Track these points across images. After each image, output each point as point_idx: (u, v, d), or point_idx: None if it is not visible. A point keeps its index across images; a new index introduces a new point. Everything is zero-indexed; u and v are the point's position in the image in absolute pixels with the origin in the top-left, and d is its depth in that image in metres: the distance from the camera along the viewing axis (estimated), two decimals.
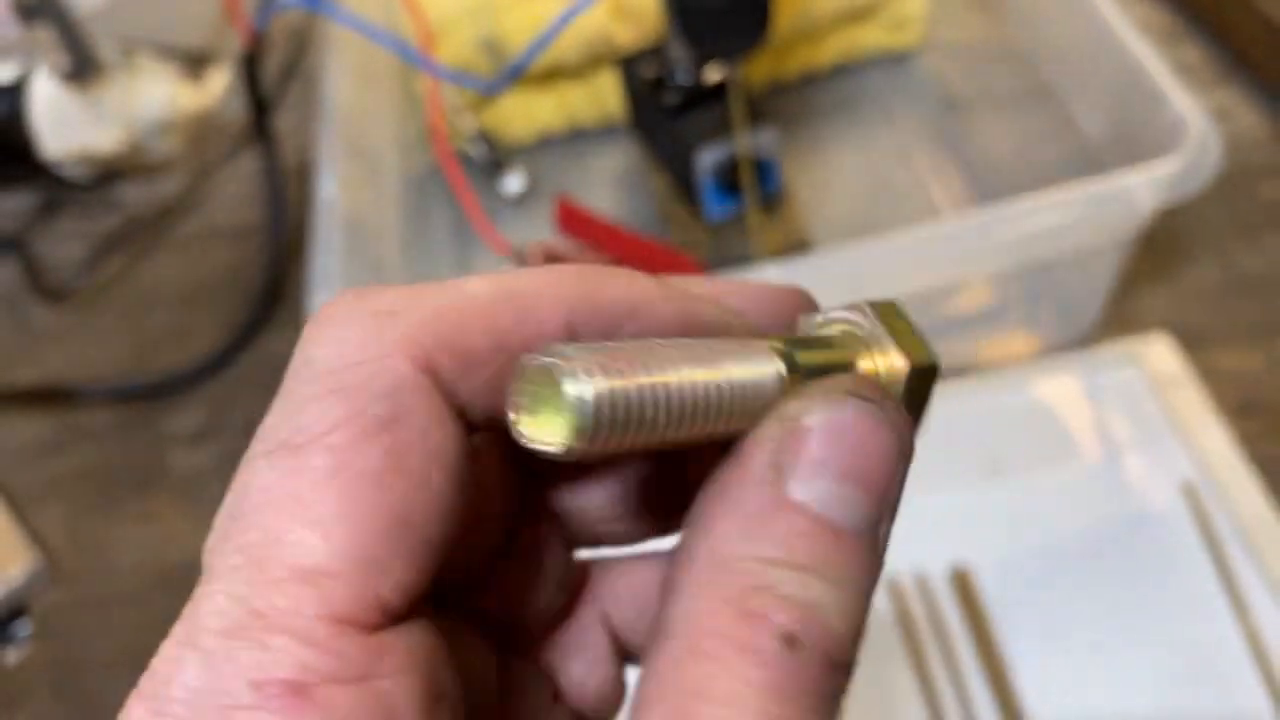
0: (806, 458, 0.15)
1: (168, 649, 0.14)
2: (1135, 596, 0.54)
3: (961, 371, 0.65)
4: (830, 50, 0.85)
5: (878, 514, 0.16)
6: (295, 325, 0.77)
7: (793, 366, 0.16)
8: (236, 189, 0.90)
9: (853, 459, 0.15)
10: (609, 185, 0.84)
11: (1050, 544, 0.56)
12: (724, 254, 0.70)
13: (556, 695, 0.19)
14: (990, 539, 0.57)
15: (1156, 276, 0.69)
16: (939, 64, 0.85)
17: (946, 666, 0.53)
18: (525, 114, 0.85)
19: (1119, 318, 0.66)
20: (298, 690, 0.13)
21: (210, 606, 0.14)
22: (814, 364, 0.17)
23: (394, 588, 0.14)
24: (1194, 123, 0.52)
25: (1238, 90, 0.80)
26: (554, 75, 0.84)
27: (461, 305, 0.15)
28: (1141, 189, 0.51)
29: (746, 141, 0.68)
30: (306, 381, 0.15)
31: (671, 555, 0.16)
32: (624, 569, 0.20)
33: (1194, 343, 0.64)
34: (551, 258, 0.67)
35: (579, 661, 0.19)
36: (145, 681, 0.14)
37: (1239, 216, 0.70)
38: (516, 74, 0.48)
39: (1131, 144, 0.60)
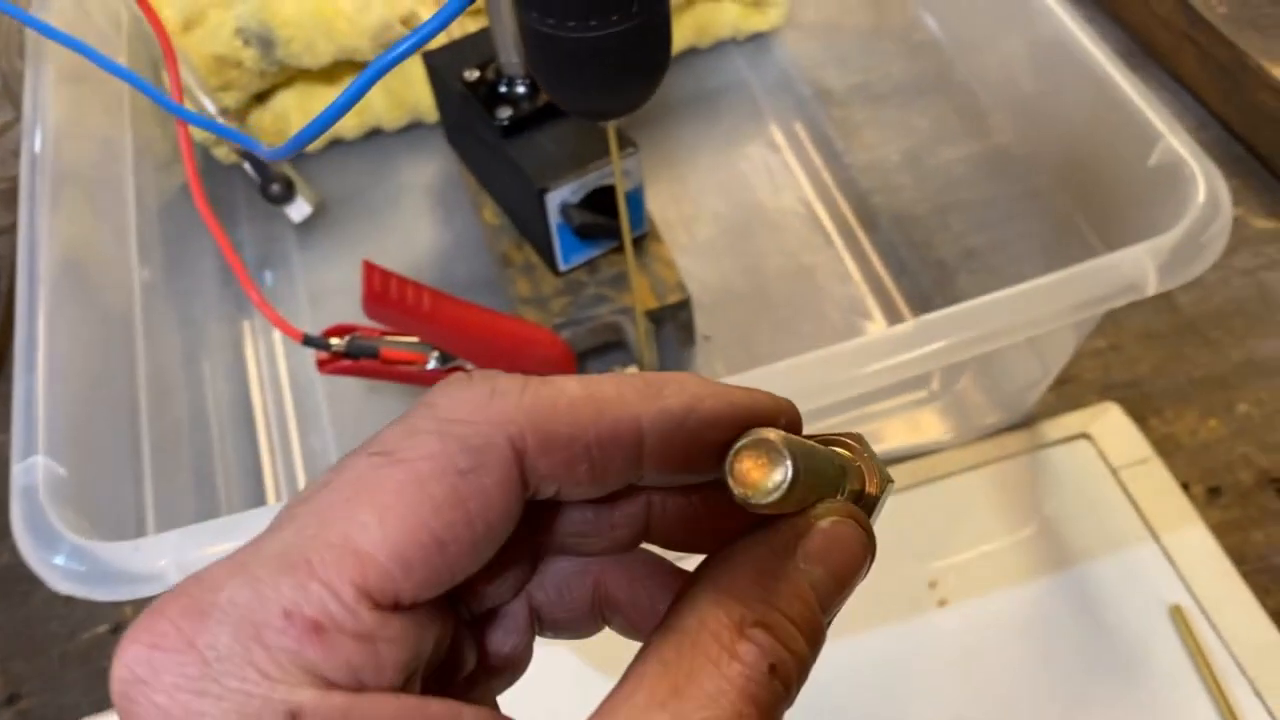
0: (815, 548, 0.20)
1: (221, 567, 0.17)
2: None
3: (898, 461, 0.53)
4: (681, 31, 0.70)
5: (838, 607, 0.20)
6: None
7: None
8: None
9: (840, 561, 0.20)
10: (422, 203, 0.68)
11: (1021, 682, 0.46)
12: (584, 313, 0.55)
13: (480, 654, 0.22)
14: (944, 679, 0.46)
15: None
16: (809, 48, 0.73)
17: None
18: (306, 114, 0.67)
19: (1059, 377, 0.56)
20: (317, 628, 0.16)
21: (273, 545, 0.17)
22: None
23: (411, 589, 0.17)
24: (1193, 171, 0.41)
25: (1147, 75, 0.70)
26: (342, 67, 0.67)
27: (556, 399, 0.18)
28: (1142, 271, 0.40)
29: (620, 170, 0.53)
30: (423, 418, 0.18)
31: (694, 573, 0.20)
32: (552, 559, 0.23)
33: (1142, 404, 0.55)
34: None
35: (502, 629, 0.22)
36: (191, 585, 0.17)
37: None
38: (299, 146, 0.32)
39: (1061, 148, 0.49)
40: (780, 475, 0.19)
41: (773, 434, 0.19)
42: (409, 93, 0.68)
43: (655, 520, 0.22)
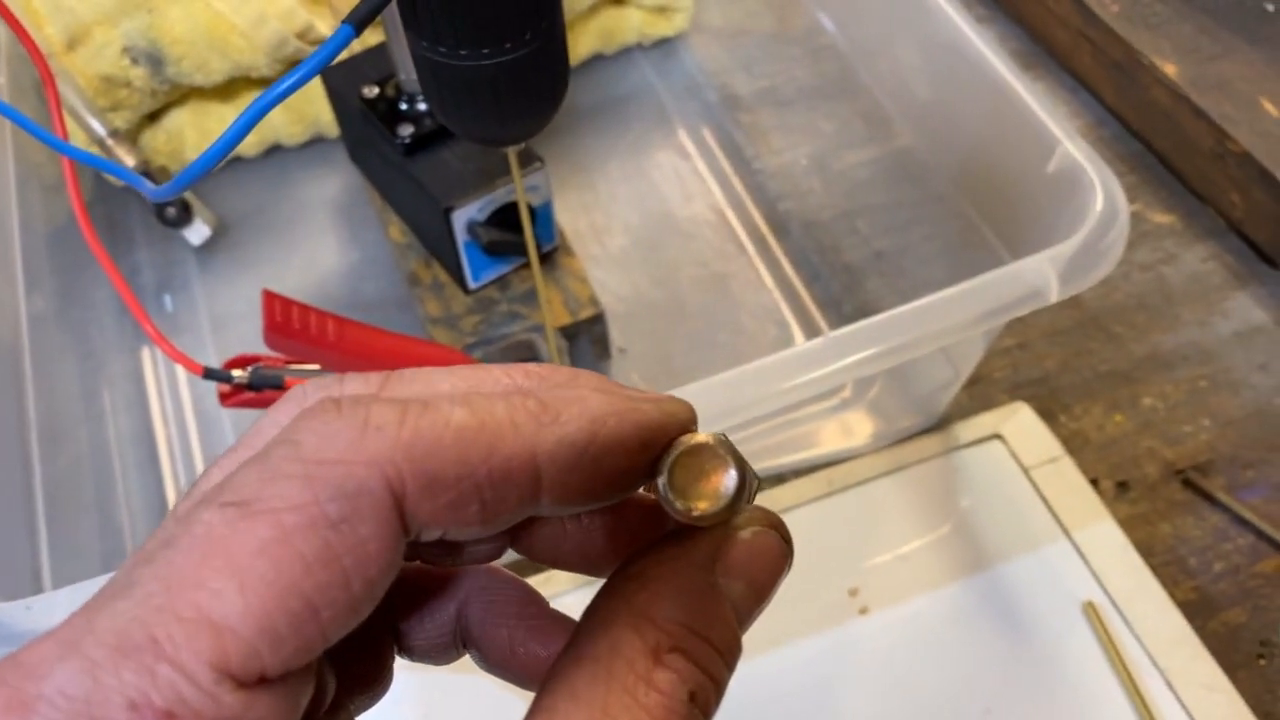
0: (735, 561, 0.19)
1: (47, 647, 0.15)
2: None
3: (813, 469, 0.53)
4: (585, 38, 0.70)
5: (755, 618, 0.19)
6: None
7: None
8: None
9: (761, 573, 0.19)
10: (327, 221, 0.66)
11: (942, 685, 0.47)
12: (496, 331, 0.54)
13: (399, 641, 0.21)
14: (867, 686, 0.46)
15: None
16: (715, 53, 0.72)
17: None
18: (202, 133, 0.65)
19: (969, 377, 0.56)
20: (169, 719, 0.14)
21: (111, 619, 0.15)
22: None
23: (279, 662, 0.15)
24: (1091, 178, 0.42)
25: (1046, 73, 0.72)
26: (238, 84, 0.65)
27: (440, 433, 0.16)
28: (1044, 279, 0.40)
29: (505, 189, 0.53)
30: (286, 459, 0.16)
31: (601, 592, 0.18)
32: (483, 577, 0.22)
33: (1050, 401, 0.56)
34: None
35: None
36: (9, 671, 0.14)
37: None
38: (185, 184, 0.30)
39: (961, 153, 0.50)
40: (730, 482, 0.18)
41: (709, 438, 0.18)
42: (309, 108, 0.66)
43: (537, 540, 0.21)
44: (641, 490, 0.20)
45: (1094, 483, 0.53)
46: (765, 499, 0.52)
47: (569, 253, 0.58)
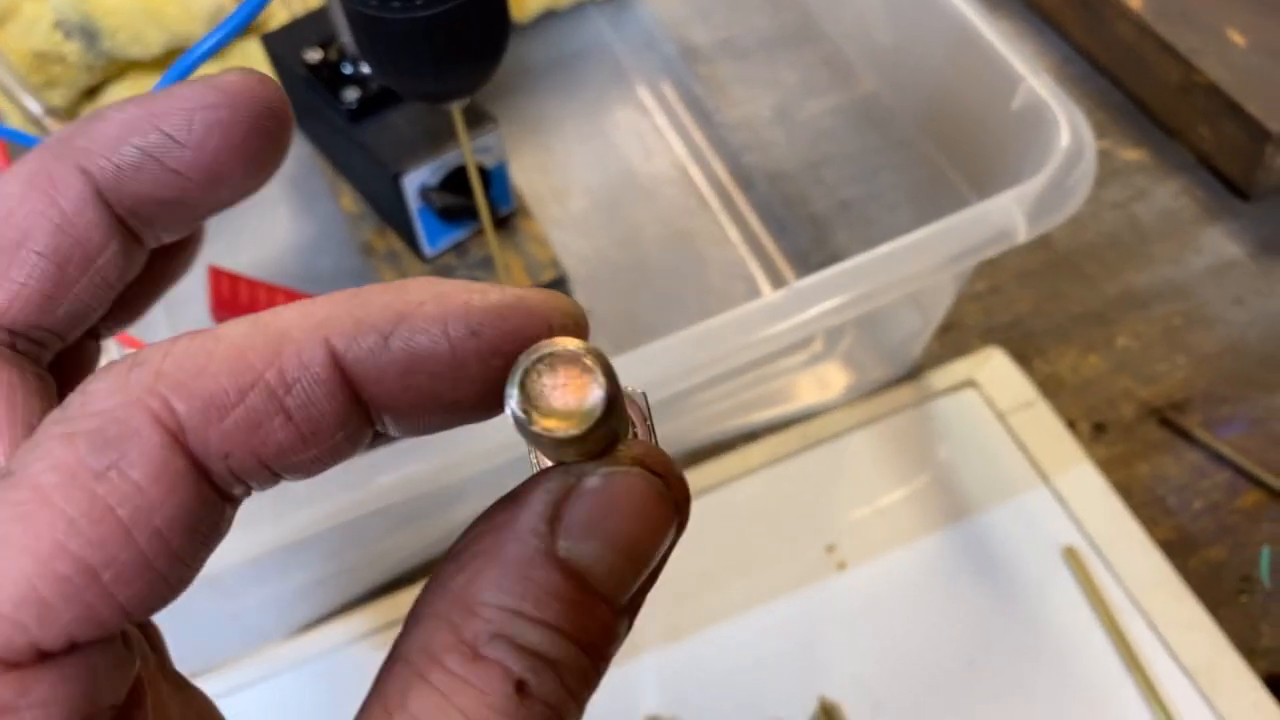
0: (580, 518, 0.15)
1: None
2: (1019, 675, 0.44)
3: (787, 424, 0.52)
4: None
5: (638, 586, 0.16)
6: None
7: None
8: None
9: (627, 528, 0.15)
10: (279, 194, 0.64)
11: (922, 636, 0.46)
12: None
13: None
14: (847, 641, 0.46)
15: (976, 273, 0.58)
16: (671, 5, 0.70)
17: None
18: None
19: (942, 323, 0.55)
20: None
21: None
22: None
23: (56, 635, 0.13)
24: (1056, 114, 0.41)
25: (1011, 13, 0.70)
26: (175, 55, 0.62)
27: (208, 348, 0.14)
28: (1010, 218, 0.39)
29: (471, 150, 0.51)
30: (51, 423, 0.14)
31: (429, 581, 0.15)
32: None
33: (1024, 345, 0.55)
34: None
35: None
36: None
37: None
38: None
39: (925, 96, 0.49)
40: (593, 399, 0.14)
41: (577, 344, 0.14)
42: None
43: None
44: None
45: (1070, 426, 0.52)
46: (738, 458, 0.51)
47: (528, 215, 0.56)
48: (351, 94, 0.52)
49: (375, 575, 0.49)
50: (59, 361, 0.19)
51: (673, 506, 0.16)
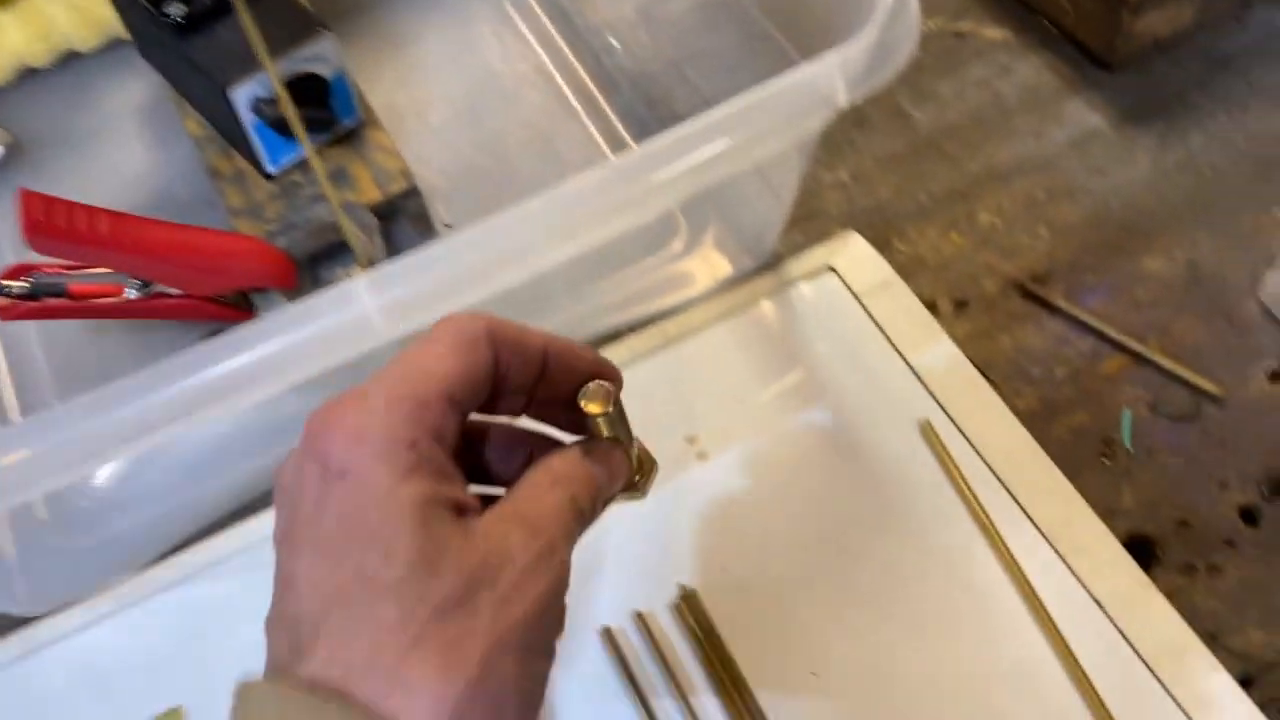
0: (599, 453, 0.31)
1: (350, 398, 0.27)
2: (880, 551, 0.44)
3: (652, 321, 0.52)
4: None
5: (608, 486, 0.31)
6: None
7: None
8: None
9: (608, 466, 0.31)
10: (131, 127, 0.62)
11: (784, 522, 0.46)
12: (301, 215, 0.52)
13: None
14: (710, 532, 0.45)
15: (833, 151, 0.58)
16: None
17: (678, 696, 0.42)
18: None
19: (799, 210, 0.55)
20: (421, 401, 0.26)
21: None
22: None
23: (463, 398, 0.27)
24: None
25: None
26: None
27: (507, 325, 0.29)
28: (830, 82, 0.38)
29: (287, 61, 0.49)
30: (440, 325, 0.28)
31: (537, 462, 0.30)
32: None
33: (886, 229, 0.54)
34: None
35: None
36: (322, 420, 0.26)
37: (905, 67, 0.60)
38: None
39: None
40: (609, 404, 0.31)
41: (603, 383, 0.31)
42: (99, 9, 0.62)
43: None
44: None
45: (932, 304, 0.52)
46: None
47: (377, 127, 0.55)
48: (177, 9, 0.50)
49: (222, 506, 0.48)
50: None
51: (617, 461, 0.31)
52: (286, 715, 0.22)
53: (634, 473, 0.34)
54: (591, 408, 0.31)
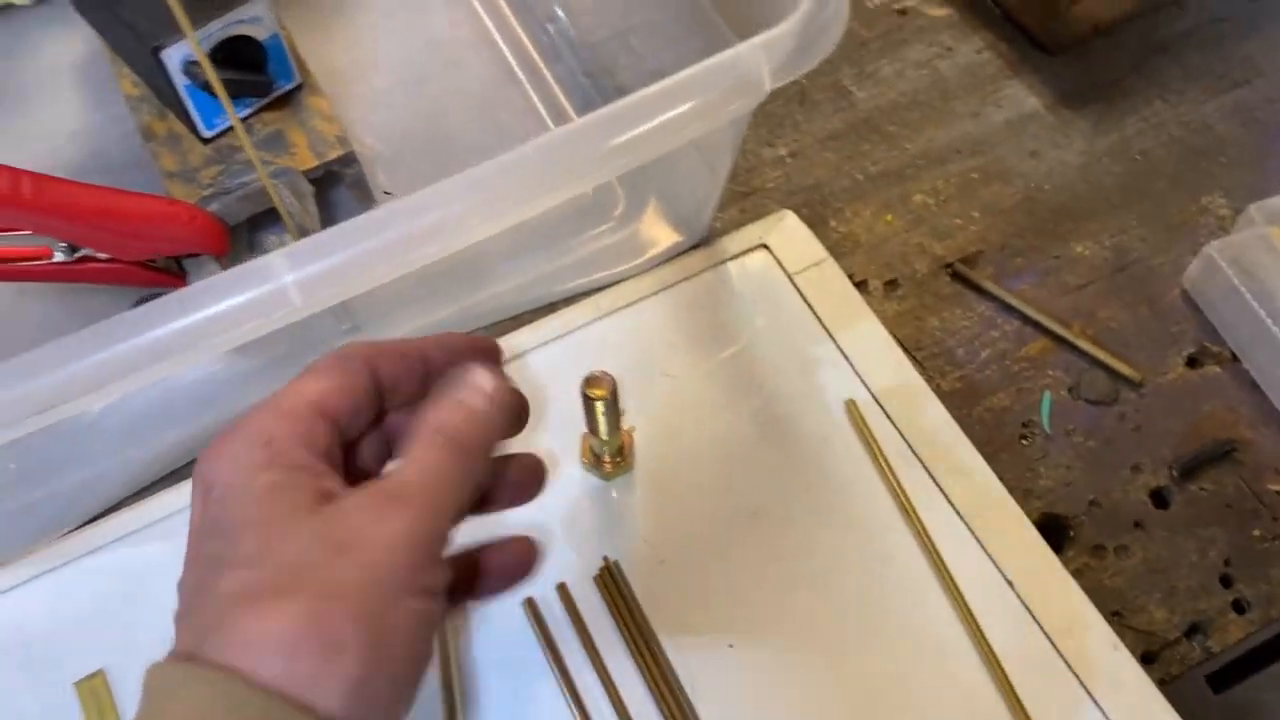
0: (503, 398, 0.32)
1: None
2: (801, 526, 0.45)
3: (587, 294, 0.52)
4: None
5: (506, 425, 0.32)
6: None
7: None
8: None
9: (514, 405, 0.32)
10: (68, 86, 0.61)
11: (711, 503, 0.47)
12: (235, 181, 0.51)
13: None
14: (634, 508, 0.46)
15: (774, 128, 0.58)
16: None
17: (597, 668, 0.43)
18: None
19: (738, 186, 0.55)
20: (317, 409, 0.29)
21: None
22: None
23: (344, 416, 0.30)
24: None
25: None
26: None
27: (389, 344, 0.32)
28: (756, 67, 0.38)
29: (220, 22, 0.49)
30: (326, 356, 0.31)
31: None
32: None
33: (822, 207, 0.55)
34: None
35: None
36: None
37: (848, 44, 0.60)
38: None
39: None
40: (610, 389, 0.39)
41: (603, 371, 0.38)
42: None
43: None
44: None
45: (863, 284, 0.52)
46: (530, 332, 0.51)
47: (316, 91, 0.54)
48: None
49: (147, 474, 0.49)
50: None
51: (494, 410, 0.31)
52: (150, 686, 0.25)
53: (616, 455, 0.45)
54: (595, 392, 0.38)
